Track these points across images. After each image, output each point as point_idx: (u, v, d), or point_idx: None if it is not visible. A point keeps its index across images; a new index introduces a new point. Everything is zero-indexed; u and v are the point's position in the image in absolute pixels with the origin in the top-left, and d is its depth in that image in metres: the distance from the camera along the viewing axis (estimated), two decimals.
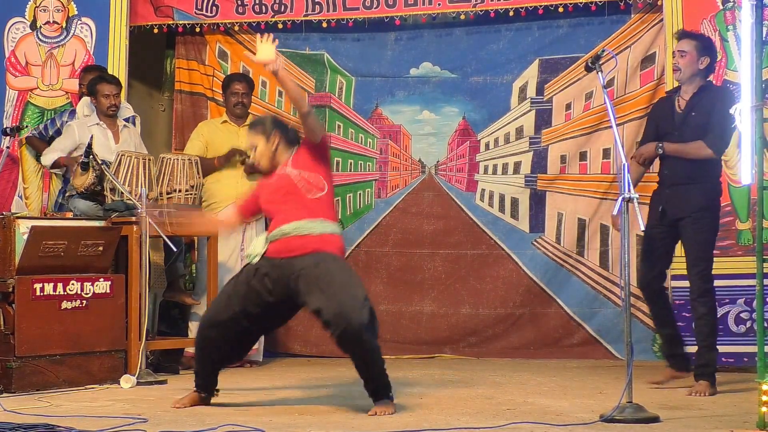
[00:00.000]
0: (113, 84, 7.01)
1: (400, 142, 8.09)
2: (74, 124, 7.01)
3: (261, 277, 5.05)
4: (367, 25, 7.93)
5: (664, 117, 5.94)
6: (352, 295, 4.84)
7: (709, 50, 5.85)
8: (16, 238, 5.96)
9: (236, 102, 7.31)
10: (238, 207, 5.40)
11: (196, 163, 6.84)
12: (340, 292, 4.84)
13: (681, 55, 5.82)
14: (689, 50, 5.80)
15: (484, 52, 7.89)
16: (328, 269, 4.91)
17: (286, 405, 5.35)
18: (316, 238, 5.01)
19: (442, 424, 4.65)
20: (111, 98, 6.94)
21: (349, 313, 4.78)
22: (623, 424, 4.58)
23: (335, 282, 4.88)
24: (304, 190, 5.04)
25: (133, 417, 4.80)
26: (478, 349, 7.76)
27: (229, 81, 7.43)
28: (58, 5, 7.74)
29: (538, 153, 7.79)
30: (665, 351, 6.03)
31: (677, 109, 5.87)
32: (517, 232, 7.82)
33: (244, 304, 5.07)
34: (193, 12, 7.97)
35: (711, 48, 5.91)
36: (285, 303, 5.10)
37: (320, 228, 5.03)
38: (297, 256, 4.99)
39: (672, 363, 5.97)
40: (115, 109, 6.99)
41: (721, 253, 6.78)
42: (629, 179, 4.81)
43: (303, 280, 4.93)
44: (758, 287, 4.74)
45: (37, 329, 5.89)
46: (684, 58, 5.80)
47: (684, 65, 5.80)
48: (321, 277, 4.89)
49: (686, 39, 5.88)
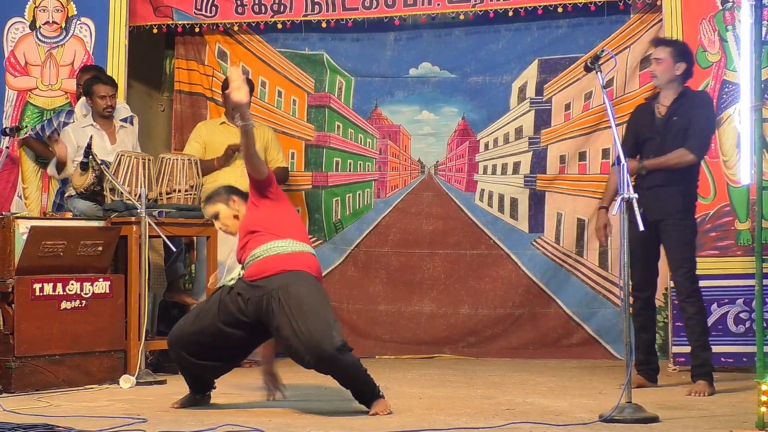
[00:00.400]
0: (109, 85, 7.00)
1: (399, 142, 8.09)
2: (69, 129, 7.02)
3: (234, 295, 5.07)
4: (367, 25, 7.93)
5: (644, 123, 5.94)
6: (321, 320, 4.85)
7: (684, 56, 5.88)
8: (16, 238, 5.96)
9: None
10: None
11: (196, 164, 6.85)
12: (310, 318, 4.84)
13: (657, 62, 5.86)
14: (664, 57, 5.84)
15: (483, 52, 7.90)
16: (298, 292, 4.91)
17: (286, 405, 5.34)
18: (286, 257, 5.03)
19: (442, 424, 4.65)
20: (107, 99, 6.94)
21: (321, 341, 4.79)
22: (622, 424, 4.59)
23: (304, 306, 4.87)
24: (266, 219, 5.08)
25: (132, 417, 4.80)
26: (477, 349, 7.76)
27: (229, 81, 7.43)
28: (57, 5, 7.74)
29: (538, 153, 7.79)
30: (639, 357, 5.97)
31: (657, 114, 5.90)
32: (517, 232, 7.82)
33: (213, 320, 5.08)
34: (193, 12, 7.97)
35: (687, 53, 5.94)
36: (256, 326, 5.08)
37: (290, 247, 5.06)
38: (269, 276, 5.00)
39: (644, 371, 5.99)
40: (111, 110, 6.99)
41: (720, 253, 6.80)
42: (628, 179, 4.82)
43: (274, 301, 4.94)
44: (757, 287, 4.75)
45: (37, 329, 5.89)
46: (660, 65, 5.85)
47: (661, 72, 5.85)
48: (291, 300, 4.89)
49: (661, 46, 5.93)
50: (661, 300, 7.23)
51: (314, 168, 8.09)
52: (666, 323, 7.10)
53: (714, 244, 6.81)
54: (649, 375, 6.01)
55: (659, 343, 7.03)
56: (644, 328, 6.00)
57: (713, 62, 6.85)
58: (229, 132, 7.32)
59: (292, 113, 8.11)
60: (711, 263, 6.78)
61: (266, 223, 5.09)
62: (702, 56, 6.85)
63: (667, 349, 7.04)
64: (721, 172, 6.82)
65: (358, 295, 7.94)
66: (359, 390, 5.01)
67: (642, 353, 5.98)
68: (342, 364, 4.86)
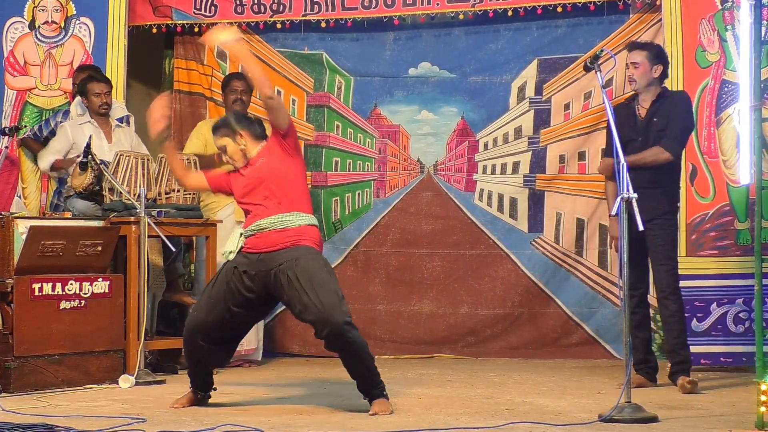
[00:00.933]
0: (103, 82, 7.01)
1: (398, 142, 8.09)
2: (67, 125, 7.02)
3: (240, 275, 5.06)
4: (366, 24, 7.93)
5: (627, 124, 5.94)
6: (332, 293, 4.89)
7: (660, 58, 6.00)
8: (15, 238, 5.95)
9: (235, 99, 7.31)
10: (206, 174, 5.42)
11: (195, 163, 6.84)
12: (321, 291, 4.87)
13: (634, 66, 5.97)
14: (641, 61, 5.95)
15: (482, 52, 7.89)
16: (307, 266, 4.93)
17: (285, 405, 5.35)
18: (294, 231, 5.03)
19: (441, 424, 4.65)
20: (102, 96, 6.95)
21: (332, 312, 4.82)
22: (622, 424, 4.59)
23: (315, 280, 4.90)
24: (277, 183, 5.05)
25: (131, 417, 4.80)
26: (476, 349, 7.76)
27: (229, 79, 7.44)
28: (56, 5, 7.74)
29: (537, 153, 7.79)
30: (638, 357, 5.96)
31: (638, 116, 5.99)
32: (516, 232, 7.82)
33: (225, 305, 5.08)
34: (192, 12, 7.97)
35: (662, 55, 6.05)
36: (265, 297, 5.12)
37: (297, 221, 5.05)
38: (276, 251, 5.00)
39: (643, 370, 6.01)
40: (107, 107, 6.99)
41: (719, 252, 6.80)
42: (627, 179, 4.82)
43: (283, 275, 4.95)
44: (757, 287, 4.75)
45: (36, 329, 5.88)
46: (638, 69, 5.96)
47: (639, 76, 5.96)
48: (300, 274, 4.91)
49: (637, 50, 6.03)
50: None
51: (313, 168, 8.09)
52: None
53: (713, 244, 6.81)
54: (649, 374, 6.02)
55: (659, 343, 7.03)
56: (640, 326, 6.00)
57: (713, 62, 6.85)
58: None
59: (291, 113, 8.09)
60: (710, 263, 6.79)
61: (277, 188, 5.05)
62: (701, 56, 6.85)
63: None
64: (720, 172, 6.81)
65: (358, 295, 7.93)
66: (364, 377, 5.00)
67: (640, 352, 5.98)
68: (350, 338, 4.87)
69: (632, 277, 5.84)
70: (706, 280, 6.78)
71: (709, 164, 6.78)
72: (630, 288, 5.78)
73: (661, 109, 5.93)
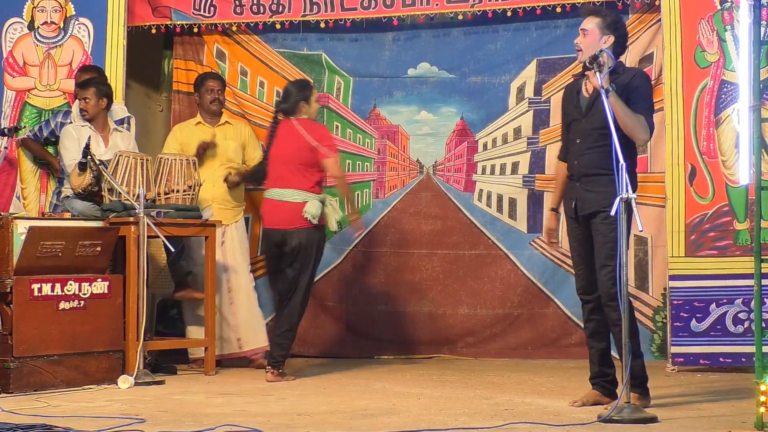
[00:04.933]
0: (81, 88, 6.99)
1: (398, 143, 8.08)
2: (70, 127, 7.02)
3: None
4: (365, 25, 7.93)
5: (570, 103, 5.34)
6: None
7: (613, 27, 5.22)
8: (14, 239, 5.96)
9: (213, 99, 7.31)
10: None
11: (194, 164, 6.85)
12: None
13: (583, 34, 5.24)
14: (590, 28, 5.22)
15: (481, 52, 7.89)
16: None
17: (285, 405, 5.35)
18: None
19: (440, 424, 4.65)
20: (82, 102, 6.96)
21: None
22: (621, 425, 4.59)
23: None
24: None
25: (130, 417, 4.80)
26: (476, 350, 7.76)
27: (203, 79, 7.43)
28: (55, 5, 7.74)
29: (536, 153, 7.78)
30: (594, 370, 5.31)
31: (584, 93, 5.28)
32: (515, 233, 7.82)
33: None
34: (191, 12, 7.96)
35: (616, 25, 5.25)
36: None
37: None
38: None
39: (599, 384, 5.29)
40: (86, 113, 6.96)
41: (718, 253, 6.80)
42: (626, 179, 4.79)
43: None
44: (756, 287, 4.74)
45: (35, 330, 5.89)
46: (586, 37, 5.23)
47: (586, 45, 5.21)
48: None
49: (589, 16, 5.29)
50: (659, 300, 7.24)
51: None
52: (665, 323, 7.10)
53: (713, 244, 6.81)
54: (606, 388, 5.26)
55: (658, 344, 7.04)
56: (595, 335, 5.31)
57: (712, 62, 6.85)
58: (205, 132, 7.31)
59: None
60: (709, 263, 6.79)
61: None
62: (700, 56, 6.85)
63: (665, 350, 7.03)
64: (719, 172, 6.82)
65: (357, 295, 7.93)
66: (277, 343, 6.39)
67: (596, 364, 5.29)
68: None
69: (584, 281, 5.29)
70: (706, 280, 6.78)
71: (709, 164, 6.79)
72: (583, 293, 5.34)
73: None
